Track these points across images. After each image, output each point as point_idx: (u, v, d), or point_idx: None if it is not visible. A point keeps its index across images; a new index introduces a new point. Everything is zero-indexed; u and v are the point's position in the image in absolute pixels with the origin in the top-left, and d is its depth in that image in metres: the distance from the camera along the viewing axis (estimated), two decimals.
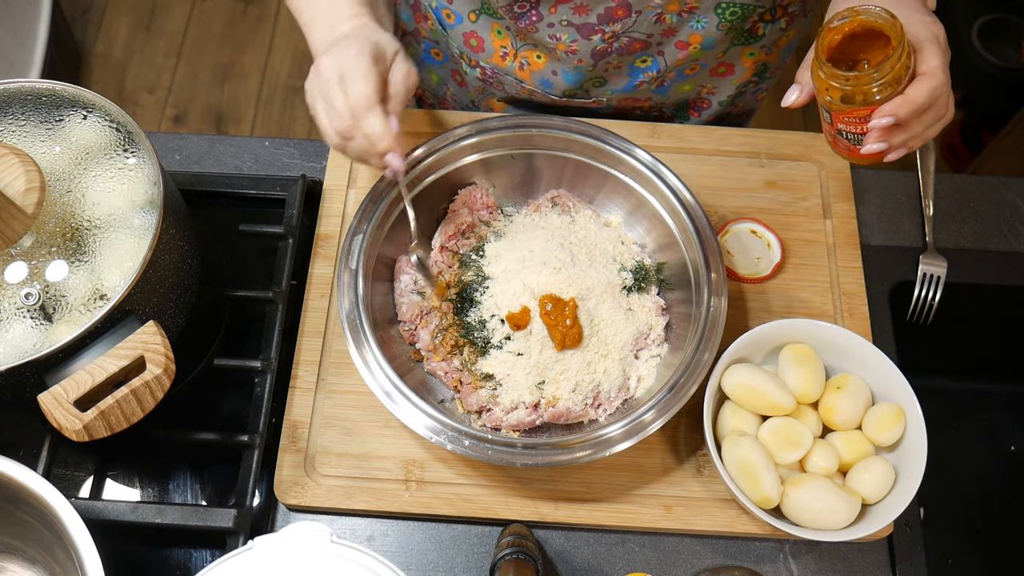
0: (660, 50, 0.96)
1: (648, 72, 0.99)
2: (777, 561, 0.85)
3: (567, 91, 1.02)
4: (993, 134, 1.99)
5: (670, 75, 1.00)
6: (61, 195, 0.76)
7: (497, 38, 0.99)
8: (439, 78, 1.12)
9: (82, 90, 0.81)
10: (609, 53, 0.95)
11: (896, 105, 0.69)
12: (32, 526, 0.76)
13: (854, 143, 0.74)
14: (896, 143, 0.73)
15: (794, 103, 0.78)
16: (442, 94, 1.17)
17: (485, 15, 0.97)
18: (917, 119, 0.71)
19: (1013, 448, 1.11)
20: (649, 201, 0.91)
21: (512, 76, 1.03)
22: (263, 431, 0.85)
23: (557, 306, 0.83)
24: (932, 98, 0.70)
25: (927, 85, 0.69)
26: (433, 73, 1.11)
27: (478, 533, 0.85)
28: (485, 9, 0.96)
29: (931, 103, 0.70)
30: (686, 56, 0.97)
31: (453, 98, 1.16)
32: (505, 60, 1.01)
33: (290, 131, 2.25)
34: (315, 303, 0.93)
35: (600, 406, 0.85)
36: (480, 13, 0.97)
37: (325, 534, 0.70)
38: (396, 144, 0.78)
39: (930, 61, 0.70)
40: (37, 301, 0.72)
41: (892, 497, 0.80)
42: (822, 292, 0.95)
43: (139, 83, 2.32)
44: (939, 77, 0.70)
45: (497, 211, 0.95)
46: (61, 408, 0.69)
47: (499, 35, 0.99)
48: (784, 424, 0.82)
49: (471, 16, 0.98)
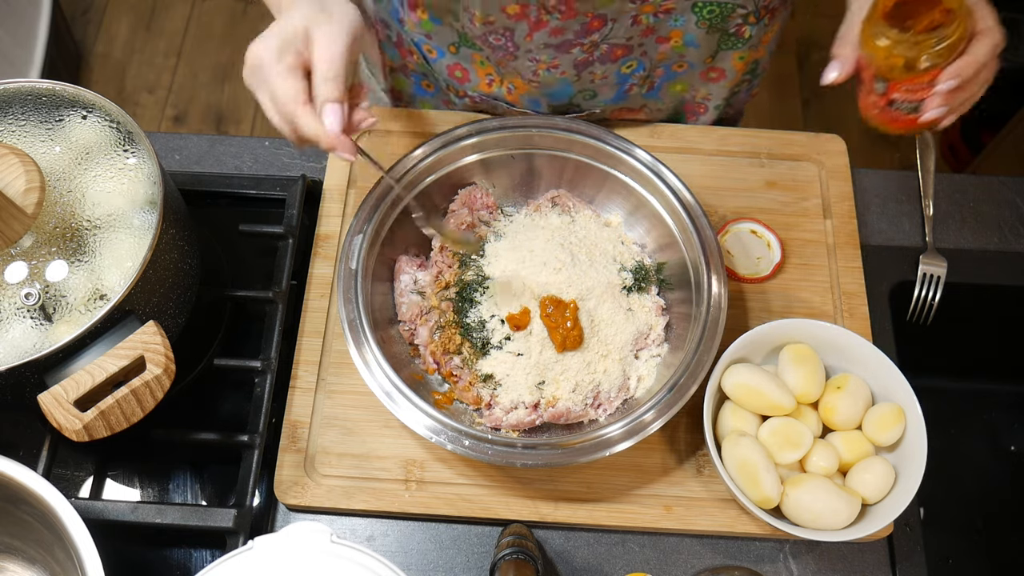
0: (643, 51, 0.95)
1: (636, 75, 0.98)
2: (777, 561, 0.85)
3: (558, 108, 1.02)
4: (993, 134, 1.99)
5: (658, 72, 0.99)
6: (61, 195, 0.76)
7: (480, 68, 0.98)
8: (432, 107, 1.11)
9: (82, 90, 0.81)
10: (591, 62, 0.94)
11: (961, 66, 0.68)
12: (32, 526, 0.76)
13: (910, 111, 0.72)
14: (955, 106, 0.71)
15: (836, 79, 0.74)
16: None
17: (465, 47, 0.96)
18: (975, 79, 0.69)
19: (1013, 448, 1.11)
20: (649, 201, 0.91)
21: (502, 100, 1.02)
22: (263, 431, 0.85)
23: (558, 308, 0.83)
24: (993, 56, 0.68)
25: (989, 42, 0.68)
26: (426, 104, 1.10)
27: (478, 533, 0.85)
28: (464, 41, 0.95)
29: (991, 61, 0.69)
30: (669, 50, 0.95)
31: None
32: (492, 87, 1.01)
33: None
34: (315, 303, 0.93)
35: (600, 406, 0.85)
36: (460, 45, 0.96)
37: (325, 534, 0.70)
38: (335, 141, 0.72)
39: (987, 19, 0.69)
40: (37, 301, 0.72)
41: (892, 497, 0.80)
42: (822, 292, 0.95)
43: (139, 83, 2.32)
44: (997, 34, 0.69)
45: (497, 211, 0.95)
46: (61, 408, 0.69)
47: (482, 65, 0.98)
48: (784, 424, 0.82)
49: (451, 48, 0.97)
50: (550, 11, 0.87)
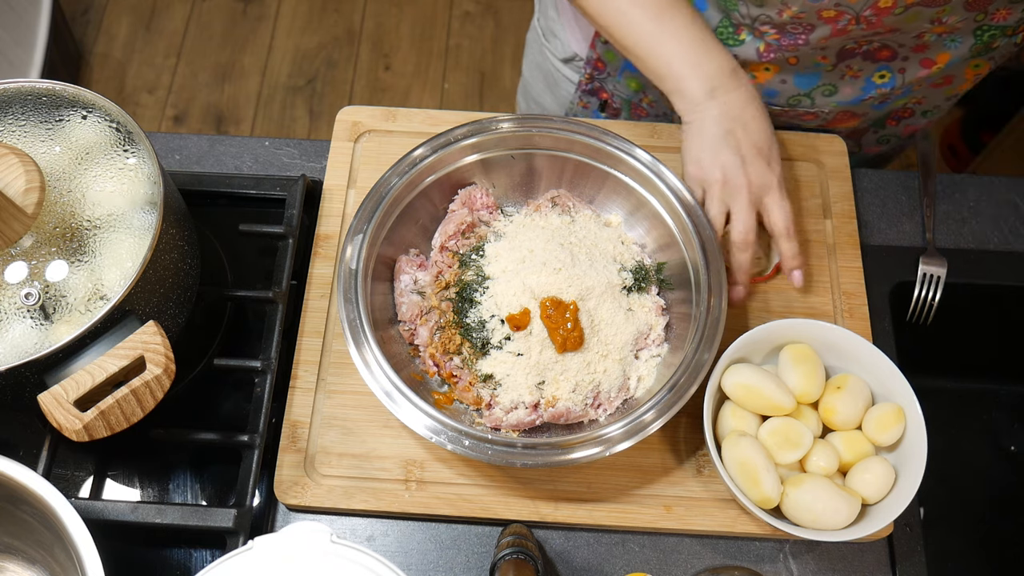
0: (903, 66, 0.93)
1: (882, 88, 0.96)
2: (777, 561, 0.85)
3: (792, 98, 0.99)
4: (993, 134, 1.99)
5: (897, 91, 0.98)
6: (61, 195, 0.76)
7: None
8: (639, 85, 1.07)
9: (82, 90, 0.81)
10: (855, 54, 0.92)
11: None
12: (32, 526, 0.76)
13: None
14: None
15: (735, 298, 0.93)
16: (637, 101, 1.11)
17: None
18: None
19: (1013, 448, 1.11)
20: (649, 201, 0.91)
21: None
22: (263, 431, 0.85)
23: (558, 309, 0.83)
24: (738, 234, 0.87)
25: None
26: (632, 80, 1.06)
27: (478, 533, 0.85)
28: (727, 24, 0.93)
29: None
30: (927, 75, 0.94)
31: (650, 105, 1.10)
32: None
33: (290, 131, 2.25)
34: (315, 303, 0.93)
35: (600, 406, 0.85)
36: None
37: (325, 534, 0.70)
38: None
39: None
40: (37, 301, 0.72)
41: (892, 497, 0.80)
42: (822, 292, 0.95)
43: (139, 83, 2.32)
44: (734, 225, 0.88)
45: (497, 211, 0.95)
46: (61, 408, 0.69)
47: None
48: (784, 424, 0.82)
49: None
50: (860, 21, 0.86)
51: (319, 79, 2.33)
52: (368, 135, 1.02)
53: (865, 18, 0.85)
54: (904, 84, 0.97)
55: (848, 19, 0.86)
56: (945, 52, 0.92)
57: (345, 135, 1.02)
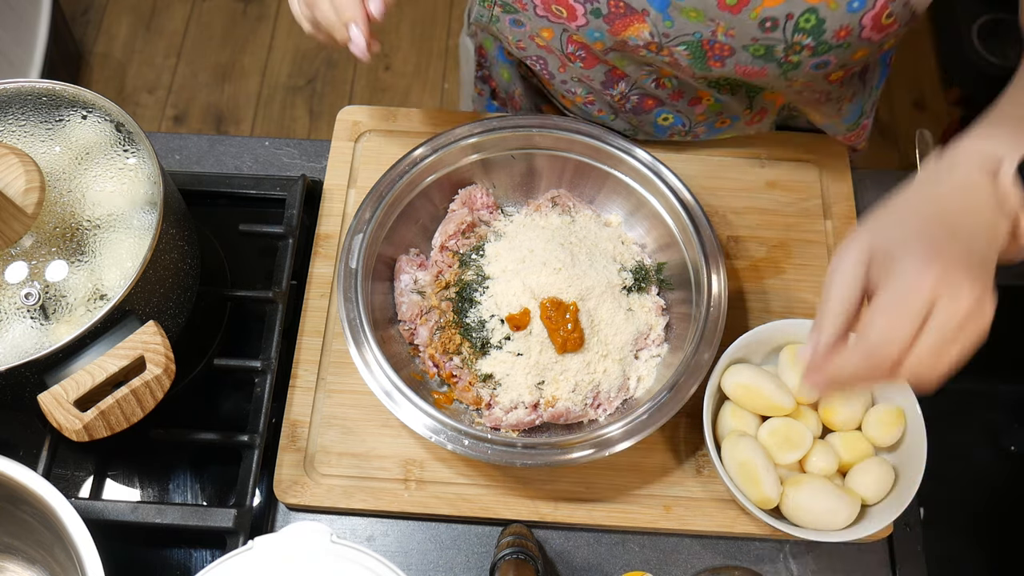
0: (676, 109, 0.93)
1: (674, 128, 0.96)
2: (777, 561, 0.85)
3: None
4: None
5: (700, 130, 0.96)
6: (61, 195, 0.76)
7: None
8: (509, 76, 1.08)
9: (82, 90, 0.81)
10: (626, 111, 0.93)
11: None
12: (32, 526, 0.76)
13: None
14: None
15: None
16: (511, 92, 1.12)
17: None
18: None
19: (1013, 448, 1.11)
20: (649, 201, 0.91)
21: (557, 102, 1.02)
22: (263, 431, 0.85)
23: (559, 311, 0.83)
24: None
25: None
26: (505, 70, 1.07)
27: (478, 533, 0.85)
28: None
29: None
30: (705, 109, 0.93)
31: (521, 97, 1.11)
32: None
33: (290, 131, 2.25)
34: (315, 303, 0.93)
35: (600, 406, 0.85)
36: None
37: (325, 534, 0.70)
38: (360, 14, 0.73)
39: None
40: (37, 301, 0.72)
41: (892, 497, 0.80)
42: (822, 292, 0.95)
43: (139, 83, 2.32)
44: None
45: (497, 211, 0.95)
46: (61, 408, 0.69)
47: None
48: (784, 424, 0.82)
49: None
50: (572, 59, 0.86)
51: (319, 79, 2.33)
52: (368, 135, 1.02)
53: (572, 53, 0.86)
54: (694, 122, 0.95)
55: (558, 56, 0.88)
56: (704, 91, 0.90)
57: (345, 135, 1.02)
